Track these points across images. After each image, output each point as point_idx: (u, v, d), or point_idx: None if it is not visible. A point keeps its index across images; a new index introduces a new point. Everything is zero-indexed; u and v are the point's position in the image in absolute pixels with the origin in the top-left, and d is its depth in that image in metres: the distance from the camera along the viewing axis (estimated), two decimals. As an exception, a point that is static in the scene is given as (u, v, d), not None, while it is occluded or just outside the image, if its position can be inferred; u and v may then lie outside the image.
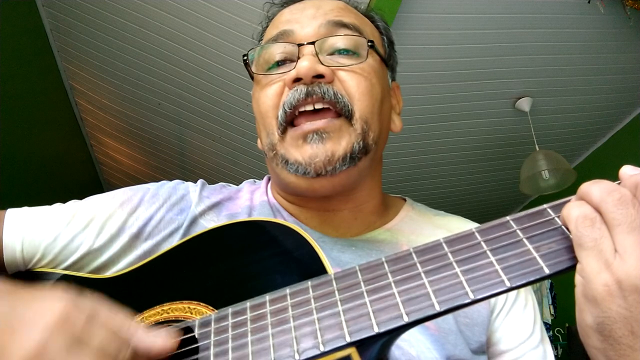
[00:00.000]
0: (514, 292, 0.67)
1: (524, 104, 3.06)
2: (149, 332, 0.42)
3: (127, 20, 2.67)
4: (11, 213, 0.67)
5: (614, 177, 0.42)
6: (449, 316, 0.60)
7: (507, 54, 2.70)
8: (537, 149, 3.07)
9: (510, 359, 0.64)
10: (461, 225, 0.74)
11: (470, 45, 2.62)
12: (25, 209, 0.69)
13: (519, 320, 0.66)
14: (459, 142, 3.44)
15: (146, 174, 4.17)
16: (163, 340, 0.42)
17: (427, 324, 0.58)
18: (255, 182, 0.80)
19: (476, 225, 0.74)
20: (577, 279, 0.39)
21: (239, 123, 3.23)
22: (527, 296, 0.68)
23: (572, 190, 0.42)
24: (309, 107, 0.63)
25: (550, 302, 3.84)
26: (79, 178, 4.05)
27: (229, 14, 2.47)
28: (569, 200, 0.42)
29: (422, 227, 0.72)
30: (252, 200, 0.73)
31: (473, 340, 0.61)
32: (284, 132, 0.64)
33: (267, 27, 0.76)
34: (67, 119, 3.57)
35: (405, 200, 0.79)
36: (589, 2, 2.34)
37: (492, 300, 0.65)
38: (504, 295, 0.66)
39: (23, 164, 3.10)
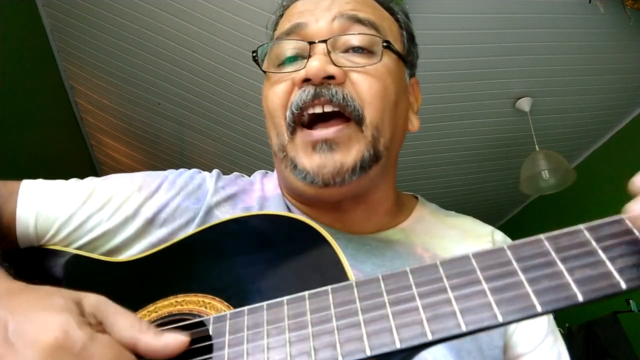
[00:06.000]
0: None
1: (524, 104, 3.06)
2: (158, 335, 0.41)
3: (127, 20, 2.67)
4: (26, 185, 0.65)
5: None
6: None
7: (507, 54, 2.70)
8: (537, 149, 3.07)
9: None
10: (475, 226, 0.73)
11: (470, 45, 2.62)
12: (41, 181, 0.66)
13: (534, 322, 0.65)
14: (459, 142, 3.43)
15: (146, 174, 4.16)
16: (174, 343, 0.41)
17: None
18: (267, 173, 0.77)
19: (490, 228, 0.73)
20: None
21: (239, 123, 3.23)
22: None
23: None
24: (318, 110, 0.61)
25: (550, 302, 3.83)
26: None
27: (229, 14, 2.47)
28: (610, 222, 0.39)
29: (436, 227, 0.71)
30: (263, 191, 0.71)
31: (492, 346, 0.60)
32: (293, 132, 0.62)
33: (280, 17, 0.73)
34: (67, 119, 3.56)
35: (417, 198, 0.77)
36: (589, 1, 2.34)
37: None
38: None
39: (23, 163, 3.09)
